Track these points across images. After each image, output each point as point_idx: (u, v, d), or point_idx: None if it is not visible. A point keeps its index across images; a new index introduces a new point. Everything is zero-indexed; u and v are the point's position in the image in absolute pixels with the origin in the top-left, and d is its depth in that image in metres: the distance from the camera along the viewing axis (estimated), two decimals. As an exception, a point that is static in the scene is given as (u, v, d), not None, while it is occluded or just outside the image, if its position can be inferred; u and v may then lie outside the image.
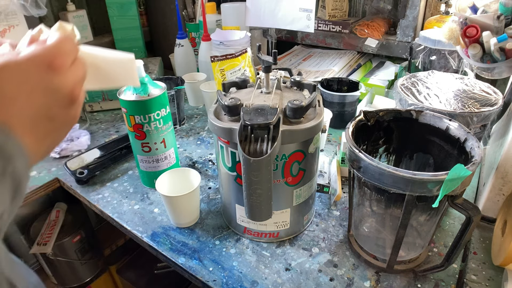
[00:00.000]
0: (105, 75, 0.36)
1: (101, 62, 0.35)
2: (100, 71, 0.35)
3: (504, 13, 0.53)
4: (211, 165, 0.80)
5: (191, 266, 0.55)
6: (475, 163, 0.42)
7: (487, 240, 0.57)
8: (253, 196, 0.47)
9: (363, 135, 0.54)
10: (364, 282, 0.52)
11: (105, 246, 1.36)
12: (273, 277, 0.53)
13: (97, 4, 1.30)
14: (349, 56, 1.15)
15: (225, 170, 0.55)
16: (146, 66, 1.15)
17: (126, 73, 0.37)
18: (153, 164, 0.69)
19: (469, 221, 0.43)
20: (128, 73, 0.37)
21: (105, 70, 0.35)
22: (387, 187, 0.43)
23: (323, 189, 0.68)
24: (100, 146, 0.82)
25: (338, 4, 1.15)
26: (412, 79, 0.66)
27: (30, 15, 0.96)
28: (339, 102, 0.87)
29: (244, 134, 0.46)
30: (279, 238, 0.59)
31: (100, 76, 0.35)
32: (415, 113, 0.53)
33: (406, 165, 0.58)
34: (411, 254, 0.54)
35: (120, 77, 0.37)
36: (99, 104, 1.06)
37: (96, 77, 0.35)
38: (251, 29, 1.15)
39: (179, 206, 0.60)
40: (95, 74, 0.34)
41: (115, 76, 0.36)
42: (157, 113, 0.64)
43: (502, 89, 0.66)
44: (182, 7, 1.23)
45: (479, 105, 0.56)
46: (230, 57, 0.83)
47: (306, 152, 0.52)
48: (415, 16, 0.97)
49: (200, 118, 1.01)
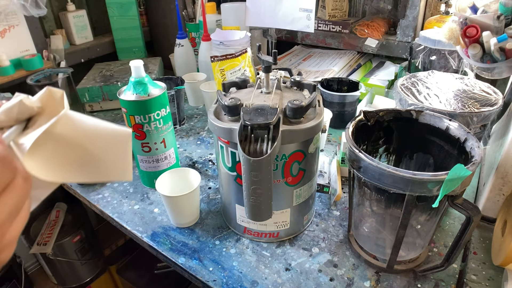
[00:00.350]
0: (86, 159, 0.28)
1: (83, 137, 0.27)
2: (76, 151, 0.27)
3: (504, 13, 0.53)
4: (211, 165, 0.80)
5: (191, 266, 0.55)
6: (475, 163, 0.42)
7: (487, 240, 0.57)
8: (253, 196, 0.47)
9: (363, 135, 0.54)
10: (364, 282, 0.52)
11: (105, 246, 1.36)
12: (273, 277, 0.53)
13: (97, 4, 1.30)
14: (349, 56, 1.15)
15: (225, 170, 0.55)
16: (146, 66, 1.15)
17: (116, 157, 0.29)
18: (153, 164, 0.69)
19: (469, 221, 0.43)
20: (120, 157, 0.29)
21: (86, 151, 0.27)
22: (387, 187, 0.43)
23: (323, 189, 0.68)
24: (100, 146, 0.82)
25: (338, 4, 1.15)
26: (412, 79, 0.66)
27: (30, 15, 0.96)
28: (339, 102, 0.87)
29: (244, 134, 0.46)
30: (279, 238, 0.59)
31: (75, 159, 0.27)
32: (415, 113, 0.53)
33: (406, 165, 0.58)
34: (411, 254, 0.54)
35: (107, 163, 0.29)
36: (99, 104, 1.06)
37: (67, 161, 0.27)
38: (251, 29, 1.15)
39: (179, 206, 0.60)
40: (69, 156, 0.27)
41: (99, 160, 0.28)
42: (157, 113, 0.64)
43: (502, 89, 0.66)
44: (182, 7, 1.23)
45: (479, 105, 0.56)
46: (230, 57, 0.83)
47: (306, 152, 0.52)
48: (415, 16, 0.97)
49: (200, 118, 1.01)
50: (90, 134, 0.28)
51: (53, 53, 1.08)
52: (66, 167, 0.27)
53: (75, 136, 0.27)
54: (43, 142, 0.25)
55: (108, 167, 0.29)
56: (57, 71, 0.97)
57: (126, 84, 0.64)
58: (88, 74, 1.11)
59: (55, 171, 0.26)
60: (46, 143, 0.26)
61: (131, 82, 0.62)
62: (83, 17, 1.22)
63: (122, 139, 0.29)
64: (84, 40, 1.25)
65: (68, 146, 0.27)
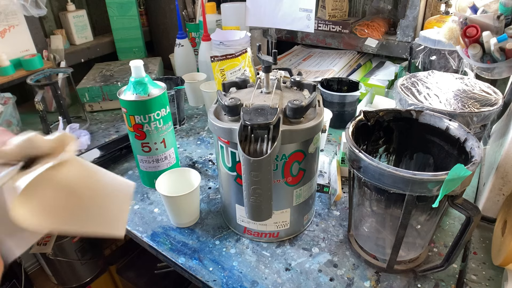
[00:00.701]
0: (80, 210, 0.27)
1: (83, 187, 0.26)
2: (72, 200, 0.26)
3: (504, 13, 0.53)
4: (211, 165, 0.80)
5: (191, 266, 0.55)
6: (475, 163, 0.42)
7: (487, 240, 0.57)
8: (253, 196, 0.47)
9: (363, 135, 0.54)
10: (364, 282, 0.52)
11: (105, 246, 1.36)
12: (273, 277, 0.53)
13: (97, 4, 1.30)
14: (349, 56, 1.15)
15: (225, 170, 0.55)
16: (146, 66, 1.15)
17: (113, 212, 0.28)
18: (153, 164, 0.69)
19: (469, 221, 0.44)
20: (116, 213, 0.28)
21: (83, 202, 0.26)
22: (387, 187, 0.43)
23: (323, 189, 0.68)
24: (100, 146, 0.82)
25: (338, 4, 1.15)
26: (412, 79, 0.66)
27: (30, 15, 0.96)
28: (339, 102, 0.87)
29: (244, 134, 0.46)
30: (279, 238, 0.59)
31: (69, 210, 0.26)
32: (415, 113, 0.53)
33: (406, 165, 0.58)
34: (411, 254, 0.54)
35: (102, 216, 0.28)
36: (99, 104, 1.06)
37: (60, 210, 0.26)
38: (251, 29, 1.15)
39: (179, 206, 0.60)
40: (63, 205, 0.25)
41: (94, 212, 0.27)
42: (157, 113, 0.64)
43: (502, 89, 0.66)
44: (182, 7, 1.23)
45: (479, 105, 0.56)
46: (230, 57, 0.83)
47: (306, 152, 0.52)
48: (415, 16, 0.97)
49: (200, 118, 1.01)
50: (92, 185, 0.27)
51: (53, 53, 1.08)
52: (56, 217, 0.26)
53: (75, 185, 0.26)
54: (38, 186, 0.24)
55: (101, 221, 0.28)
56: (57, 71, 0.97)
57: (126, 84, 0.64)
58: (88, 74, 1.11)
59: (43, 219, 0.25)
60: (42, 187, 0.25)
61: (131, 82, 0.62)
62: (83, 17, 1.22)
63: (123, 194, 0.29)
64: (84, 40, 1.25)
65: (65, 194, 0.26)
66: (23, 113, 1.01)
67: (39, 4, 0.96)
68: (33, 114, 0.99)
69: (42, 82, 0.90)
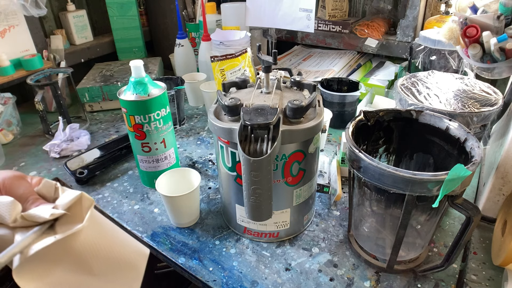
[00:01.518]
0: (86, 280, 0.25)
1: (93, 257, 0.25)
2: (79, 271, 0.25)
3: (504, 13, 0.53)
4: (211, 165, 0.80)
5: (191, 266, 0.55)
6: (475, 163, 0.42)
7: (487, 240, 0.57)
8: (253, 196, 0.47)
9: (363, 135, 0.54)
10: (364, 282, 0.52)
11: (105, 246, 1.36)
12: (273, 277, 0.53)
13: (97, 4, 1.30)
14: (349, 56, 1.15)
15: (225, 170, 0.55)
16: (146, 66, 1.15)
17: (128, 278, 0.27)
18: (153, 164, 0.69)
19: (469, 221, 0.43)
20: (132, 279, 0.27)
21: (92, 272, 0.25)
22: (387, 187, 0.43)
23: (323, 189, 0.68)
24: (100, 146, 0.82)
25: (338, 4, 1.15)
26: (412, 79, 0.66)
27: (30, 15, 0.96)
28: (339, 102, 0.87)
29: (244, 134, 0.46)
30: (279, 238, 0.59)
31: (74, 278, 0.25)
32: (415, 113, 0.53)
33: (406, 165, 0.58)
34: (411, 254, 0.54)
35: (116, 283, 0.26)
36: (99, 104, 1.06)
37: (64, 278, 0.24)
38: (251, 29, 1.15)
39: (179, 206, 0.60)
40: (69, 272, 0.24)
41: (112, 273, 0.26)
42: (157, 113, 0.64)
43: (502, 89, 0.66)
44: (182, 7, 1.23)
45: (479, 105, 0.56)
46: (230, 57, 0.83)
47: (306, 152, 0.52)
48: (415, 16, 0.97)
49: (200, 118, 1.01)
50: (105, 255, 0.26)
51: (53, 53, 1.08)
52: (58, 284, 0.25)
53: (87, 254, 0.25)
54: (48, 253, 0.24)
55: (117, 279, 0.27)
56: (57, 71, 0.97)
57: (126, 84, 0.64)
58: (88, 74, 1.11)
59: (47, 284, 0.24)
60: (53, 254, 0.24)
61: (131, 82, 0.62)
62: (83, 17, 1.22)
63: (137, 264, 0.27)
64: (84, 40, 1.25)
65: (75, 265, 0.25)
66: (23, 113, 1.01)
67: (39, 4, 0.96)
68: (33, 114, 0.99)
69: (42, 82, 0.90)
